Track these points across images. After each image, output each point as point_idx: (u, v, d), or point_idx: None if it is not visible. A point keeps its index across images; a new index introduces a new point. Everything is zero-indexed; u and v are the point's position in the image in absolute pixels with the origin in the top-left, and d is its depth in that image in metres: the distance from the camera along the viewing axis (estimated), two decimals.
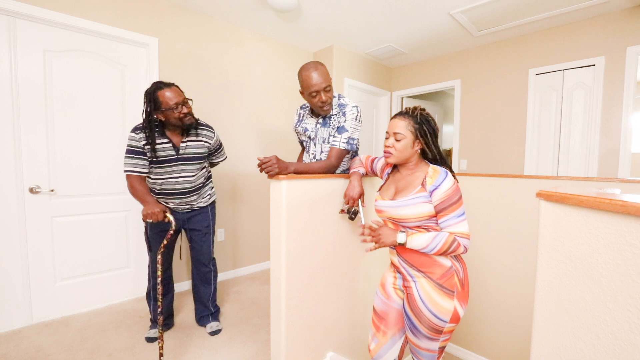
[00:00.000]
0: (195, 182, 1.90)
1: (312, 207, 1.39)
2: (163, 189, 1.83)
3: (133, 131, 1.74)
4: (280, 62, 3.40)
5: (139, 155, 1.74)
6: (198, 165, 1.89)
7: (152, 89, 1.72)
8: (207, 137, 1.92)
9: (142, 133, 1.74)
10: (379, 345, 1.28)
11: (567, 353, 0.64)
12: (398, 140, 1.16)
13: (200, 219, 2.00)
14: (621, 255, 0.55)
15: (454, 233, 1.08)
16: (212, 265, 2.09)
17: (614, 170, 2.72)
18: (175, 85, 1.77)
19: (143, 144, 1.73)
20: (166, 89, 1.71)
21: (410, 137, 1.16)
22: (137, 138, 1.73)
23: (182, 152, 1.82)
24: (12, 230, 2.03)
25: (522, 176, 1.73)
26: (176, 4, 2.62)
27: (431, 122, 1.17)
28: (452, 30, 3.10)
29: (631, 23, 2.60)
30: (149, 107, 1.71)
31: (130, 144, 1.74)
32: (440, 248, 1.07)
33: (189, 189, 1.87)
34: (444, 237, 1.07)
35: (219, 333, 2.04)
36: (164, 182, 1.82)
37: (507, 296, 1.81)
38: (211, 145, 1.95)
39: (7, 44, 1.97)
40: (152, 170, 1.81)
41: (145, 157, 1.76)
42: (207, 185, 2.03)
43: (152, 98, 1.70)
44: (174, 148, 1.80)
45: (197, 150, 1.87)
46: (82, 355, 1.78)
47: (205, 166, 1.99)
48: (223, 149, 2.12)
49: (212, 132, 1.96)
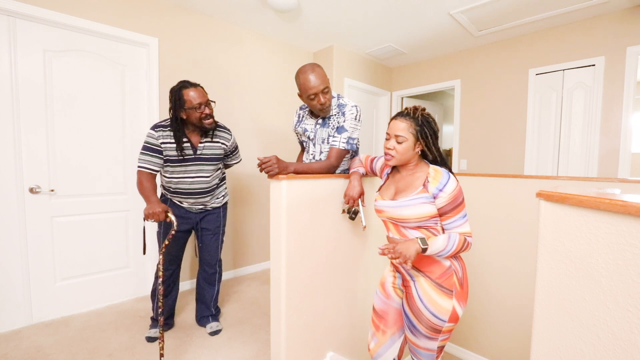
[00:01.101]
0: (211, 182, 1.92)
1: (312, 207, 1.39)
2: (179, 188, 1.85)
3: (152, 129, 1.77)
4: (280, 62, 3.40)
5: (154, 153, 1.76)
6: (214, 166, 1.91)
7: (178, 86, 1.75)
8: (224, 139, 1.94)
9: (161, 131, 1.76)
10: (379, 344, 1.28)
11: (567, 353, 0.64)
12: (400, 143, 1.15)
13: (212, 218, 2.01)
14: (621, 255, 0.55)
15: (462, 234, 1.09)
16: (218, 266, 2.09)
17: (614, 170, 2.72)
18: (201, 86, 1.80)
19: (160, 142, 1.75)
20: (191, 88, 1.75)
21: (412, 140, 1.15)
22: (155, 136, 1.75)
23: (199, 153, 1.84)
24: (12, 230, 2.03)
25: (522, 176, 1.73)
26: (176, 4, 2.62)
27: (432, 124, 1.16)
28: (452, 30, 3.10)
29: (631, 23, 2.60)
30: (175, 105, 1.74)
31: (147, 140, 1.76)
32: (455, 249, 1.07)
33: (204, 189, 1.89)
34: (456, 238, 1.07)
35: (219, 333, 2.04)
36: (179, 181, 1.84)
37: (507, 296, 1.81)
38: (227, 147, 1.97)
39: (7, 44, 1.97)
40: (167, 169, 1.83)
41: (160, 156, 1.78)
42: (222, 187, 2.05)
43: (178, 96, 1.73)
44: (192, 148, 1.82)
45: (214, 151, 1.89)
46: (82, 355, 1.78)
47: (220, 167, 2.01)
48: (238, 152, 2.15)
49: (229, 134, 1.98)
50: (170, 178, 1.84)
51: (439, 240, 1.07)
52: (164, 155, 1.78)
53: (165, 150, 1.77)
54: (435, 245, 1.06)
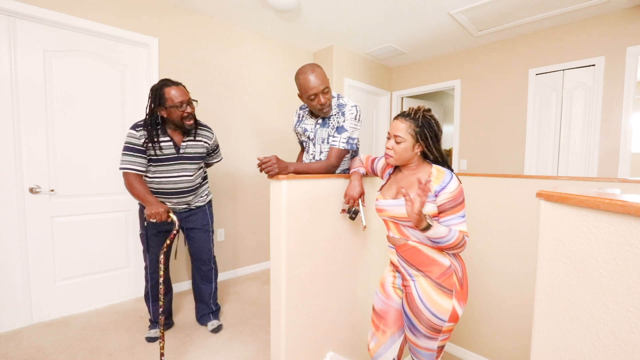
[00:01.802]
0: (194, 181, 1.91)
1: (312, 207, 1.39)
2: (161, 187, 1.83)
3: (133, 128, 1.73)
4: (280, 62, 3.40)
5: (137, 153, 1.72)
6: (196, 165, 1.90)
7: (159, 85, 1.73)
8: (206, 138, 1.93)
9: (142, 130, 1.73)
10: (379, 344, 1.28)
11: (567, 353, 0.64)
12: (398, 143, 1.16)
13: (198, 217, 2.00)
14: (621, 255, 0.55)
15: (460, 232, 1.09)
16: (212, 263, 2.09)
17: (614, 170, 2.72)
18: (183, 85, 1.79)
19: (143, 142, 1.72)
20: (173, 86, 1.73)
21: (411, 141, 1.16)
22: (137, 135, 1.72)
23: (182, 152, 1.83)
24: (12, 230, 2.03)
25: (522, 176, 1.73)
26: (176, 4, 2.62)
27: (433, 125, 1.16)
28: (452, 30, 3.10)
29: (631, 23, 2.60)
30: (153, 103, 1.72)
31: (129, 141, 1.72)
32: (454, 242, 1.07)
33: (187, 188, 1.88)
34: (456, 232, 1.07)
35: (220, 330, 2.04)
36: (162, 181, 1.82)
37: (507, 296, 1.81)
38: (210, 145, 1.96)
39: (7, 44, 1.97)
40: (150, 169, 1.80)
41: (144, 156, 1.75)
42: (204, 185, 2.05)
43: (158, 94, 1.71)
44: (175, 147, 1.81)
45: (197, 150, 1.88)
46: (82, 355, 1.78)
47: (202, 166, 2.00)
48: (219, 150, 2.15)
49: (211, 132, 1.97)
50: (153, 178, 1.81)
51: (442, 227, 1.07)
52: (147, 155, 1.76)
53: (148, 149, 1.75)
54: (439, 228, 1.05)
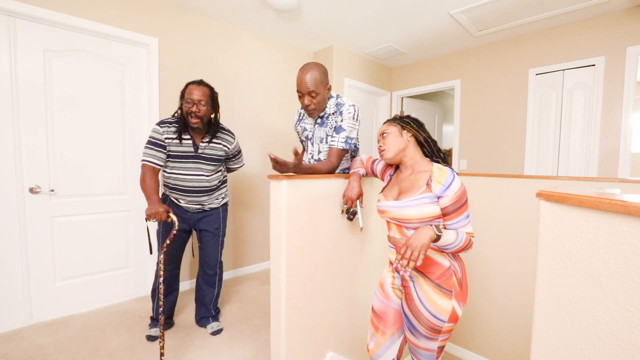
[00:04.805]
0: (211, 182, 1.93)
1: (312, 207, 1.39)
2: (177, 185, 1.87)
3: (158, 124, 1.81)
4: (280, 62, 3.40)
5: (158, 148, 1.78)
6: (214, 167, 1.92)
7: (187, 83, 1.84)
8: (226, 142, 1.96)
9: (166, 127, 1.80)
10: (378, 345, 1.28)
11: (567, 353, 0.64)
12: (386, 137, 1.23)
13: (211, 220, 2.01)
14: (621, 255, 0.55)
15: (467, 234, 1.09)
16: (218, 268, 2.09)
17: (614, 170, 2.72)
18: (205, 86, 1.84)
19: (165, 137, 1.79)
20: (195, 84, 1.82)
21: (396, 130, 1.23)
22: (160, 131, 1.79)
23: (200, 151, 1.86)
24: (12, 230, 2.03)
25: (522, 176, 1.73)
26: (176, 4, 2.62)
27: (411, 117, 1.27)
28: (452, 30, 3.09)
29: (631, 23, 2.60)
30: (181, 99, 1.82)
31: (152, 135, 1.79)
32: (462, 246, 1.07)
33: (202, 188, 1.90)
34: (463, 235, 1.07)
35: (220, 332, 2.04)
36: (178, 178, 1.85)
37: (507, 296, 1.81)
38: (229, 150, 1.98)
39: (7, 44, 1.97)
40: (168, 164, 1.85)
41: (164, 151, 1.80)
42: (222, 188, 2.06)
43: (183, 90, 1.83)
44: (194, 145, 1.85)
45: (215, 152, 1.91)
46: (82, 355, 1.78)
47: (221, 170, 2.02)
48: (241, 156, 2.16)
49: (232, 137, 2.00)
50: (170, 174, 1.86)
51: (450, 232, 1.06)
52: (167, 151, 1.81)
53: (168, 145, 1.80)
54: (448, 235, 1.04)
